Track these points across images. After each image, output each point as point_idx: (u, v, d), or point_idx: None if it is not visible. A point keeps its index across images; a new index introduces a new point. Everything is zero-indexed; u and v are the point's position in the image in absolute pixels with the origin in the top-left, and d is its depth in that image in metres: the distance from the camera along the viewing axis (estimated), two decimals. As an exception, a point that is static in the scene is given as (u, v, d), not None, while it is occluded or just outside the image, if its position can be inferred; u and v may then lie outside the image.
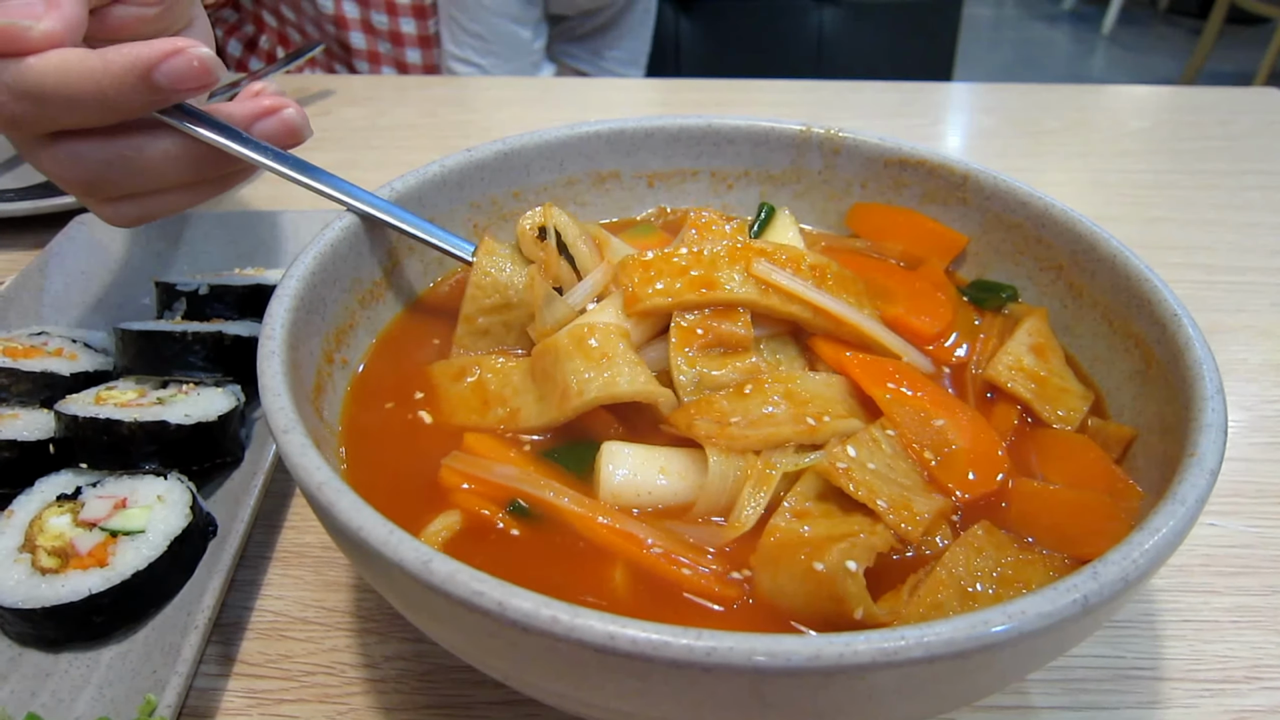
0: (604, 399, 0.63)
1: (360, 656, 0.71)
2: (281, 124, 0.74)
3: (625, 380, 0.63)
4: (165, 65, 0.65)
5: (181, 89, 0.66)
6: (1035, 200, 0.77)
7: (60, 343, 0.90)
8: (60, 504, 0.74)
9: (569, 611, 0.41)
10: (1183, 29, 7.74)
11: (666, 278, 0.68)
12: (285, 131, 0.75)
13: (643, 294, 0.68)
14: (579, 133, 0.85)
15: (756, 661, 0.39)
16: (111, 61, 0.64)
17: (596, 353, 0.64)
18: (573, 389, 0.63)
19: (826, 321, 0.69)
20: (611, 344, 0.65)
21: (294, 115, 0.75)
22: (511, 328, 0.73)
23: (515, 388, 0.69)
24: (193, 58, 0.65)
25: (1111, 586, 0.43)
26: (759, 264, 0.68)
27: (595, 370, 0.63)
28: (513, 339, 0.74)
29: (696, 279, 0.68)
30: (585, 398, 0.62)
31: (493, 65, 2.07)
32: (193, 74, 0.66)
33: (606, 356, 0.64)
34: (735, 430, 0.61)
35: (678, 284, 0.68)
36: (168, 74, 0.65)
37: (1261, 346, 1.10)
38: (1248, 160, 1.58)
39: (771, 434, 0.61)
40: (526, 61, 2.13)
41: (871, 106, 1.77)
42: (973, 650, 0.41)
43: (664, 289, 0.68)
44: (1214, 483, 0.50)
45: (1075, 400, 0.68)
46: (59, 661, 0.68)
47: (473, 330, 0.73)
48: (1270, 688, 0.70)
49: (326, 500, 0.47)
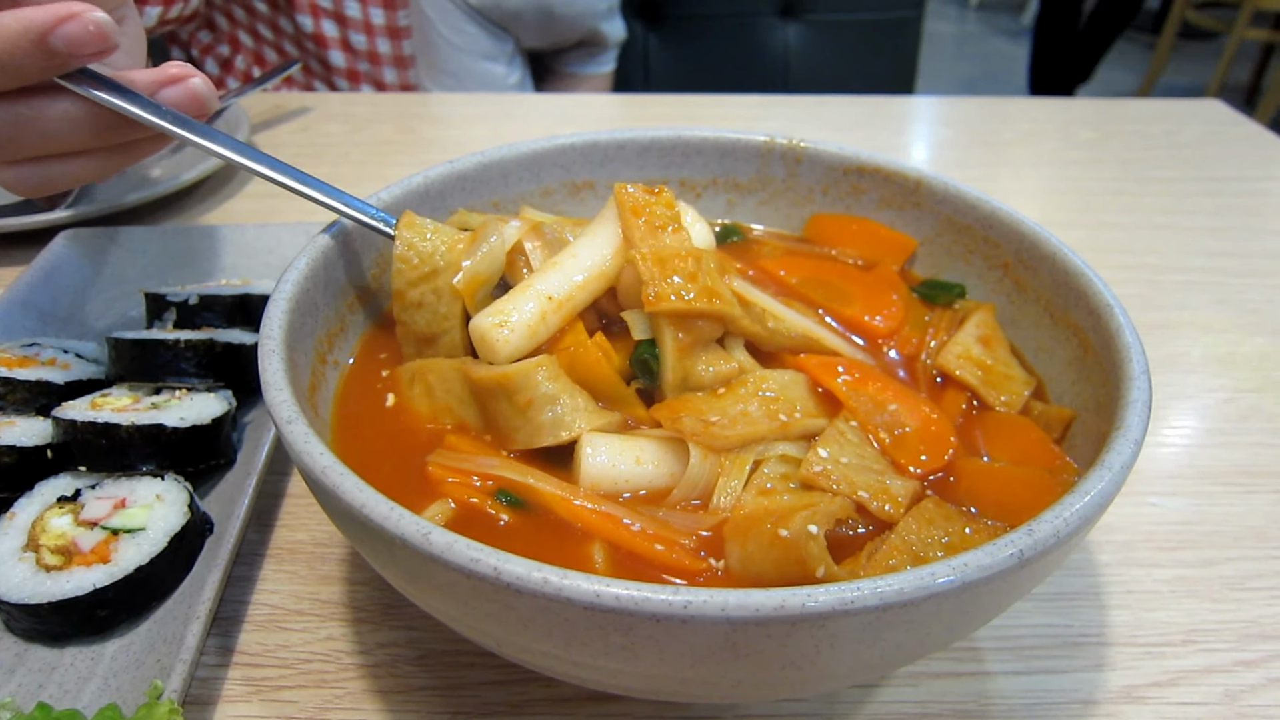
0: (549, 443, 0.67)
1: (355, 644, 0.74)
2: (186, 92, 0.73)
3: (566, 432, 0.66)
4: (61, 30, 0.64)
5: (79, 54, 0.66)
6: (983, 204, 0.83)
7: (53, 353, 0.93)
8: (61, 505, 0.77)
9: (558, 574, 0.45)
10: (1138, 44, 7.96)
11: (684, 281, 0.69)
12: (190, 100, 0.73)
13: (664, 294, 0.68)
14: (555, 145, 0.90)
15: (729, 612, 0.44)
16: (4, 25, 0.64)
17: (531, 404, 0.67)
18: (518, 435, 0.67)
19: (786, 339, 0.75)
20: (544, 392, 0.67)
21: (200, 85, 0.73)
22: (442, 294, 0.72)
23: (459, 398, 0.70)
24: (88, 21, 0.65)
25: (1045, 542, 0.48)
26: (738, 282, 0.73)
27: (530, 423, 0.67)
28: (445, 305, 0.72)
29: (706, 288, 0.69)
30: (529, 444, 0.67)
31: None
32: (89, 38, 0.65)
33: (535, 406, 0.67)
34: (717, 430, 0.65)
35: (689, 292, 0.68)
36: (64, 38, 0.65)
37: (1202, 340, 1.17)
38: (1192, 168, 1.66)
39: (749, 432, 0.66)
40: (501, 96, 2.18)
41: (836, 119, 1.84)
42: (921, 599, 0.45)
43: (680, 290, 0.68)
44: (1138, 451, 0.55)
45: (1018, 386, 0.73)
46: (64, 655, 0.71)
47: (406, 305, 0.72)
48: (1204, 650, 0.75)
49: (331, 483, 0.51)
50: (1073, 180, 1.63)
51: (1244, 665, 0.74)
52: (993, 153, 1.73)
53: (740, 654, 0.46)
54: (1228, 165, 1.68)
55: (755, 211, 0.96)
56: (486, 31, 2.07)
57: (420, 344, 0.74)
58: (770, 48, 2.74)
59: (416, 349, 0.74)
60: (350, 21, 2.04)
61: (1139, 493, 0.91)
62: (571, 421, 0.66)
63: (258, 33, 2.12)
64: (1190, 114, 1.90)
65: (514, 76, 2.19)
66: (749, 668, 0.47)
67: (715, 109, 1.88)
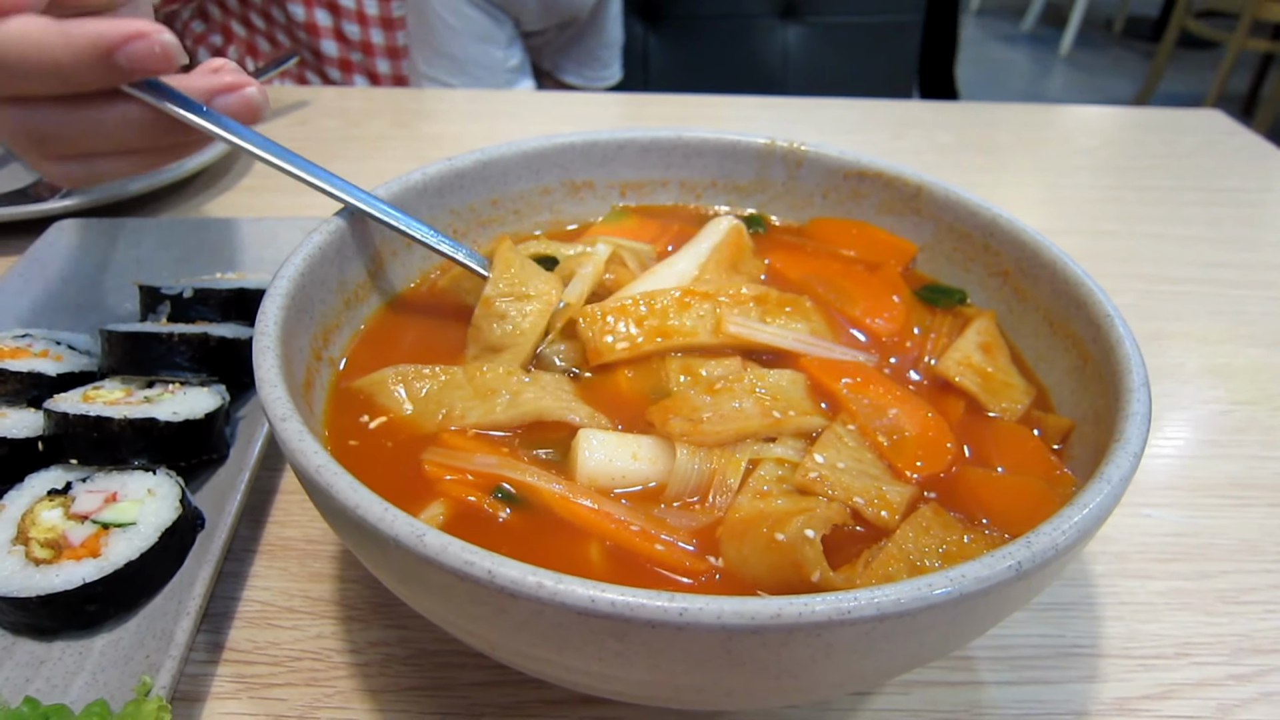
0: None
1: (345, 642, 0.74)
2: (242, 101, 0.75)
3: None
4: (129, 47, 0.66)
5: (140, 71, 0.67)
6: (984, 211, 0.82)
7: (45, 344, 0.92)
8: (51, 498, 0.76)
9: (553, 578, 0.45)
10: (1137, 52, 7.99)
11: (627, 332, 0.74)
12: (245, 109, 0.75)
13: (604, 349, 0.73)
14: (555, 144, 0.89)
15: (724, 620, 0.43)
16: (74, 37, 0.65)
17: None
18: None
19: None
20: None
21: (254, 94, 0.75)
22: (527, 315, 0.76)
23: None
24: (155, 43, 0.66)
25: (1043, 554, 0.48)
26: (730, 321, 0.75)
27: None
28: (526, 325, 0.76)
29: (654, 329, 0.74)
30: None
31: (464, 84, 2.10)
32: (154, 59, 0.67)
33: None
34: (707, 426, 0.66)
35: (639, 337, 0.74)
36: (130, 56, 0.66)
37: (1198, 351, 1.17)
38: (1189, 177, 1.67)
39: (740, 428, 0.67)
40: (500, 80, 2.16)
41: (834, 122, 1.84)
42: (918, 610, 0.45)
43: (626, 343, 0.73)
44: (1137, 464, 0.55)
45: (1018, 394, 0.73)
46: (52, 649, 0.70)
47: (490, 313, 0.76)
48: (1198, 663, 0.75)
49: (325, 482, 0.51)
50: (1071, 188, 1.63)
51: (1236, 679, 0.74)
52: (992, 158, 1.73)
53: (735, 661, 0.46)
54: (1226, 175, 1.69)
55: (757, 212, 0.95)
56: (485, 13, 2.05)
57: (485, 350, 0.77)
58: (770, 49, 2.73)
59: (479, 352, 0.77)
60: (343, 11, 2.03)
61: (1134, 504, 0.91)
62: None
63: (250, 22, 2.11)
64: (1188, 123, 1.91)
65: (513, 60, 2.17)
66: (744, 675, 0.47)
67: (713, 109, 1.87)
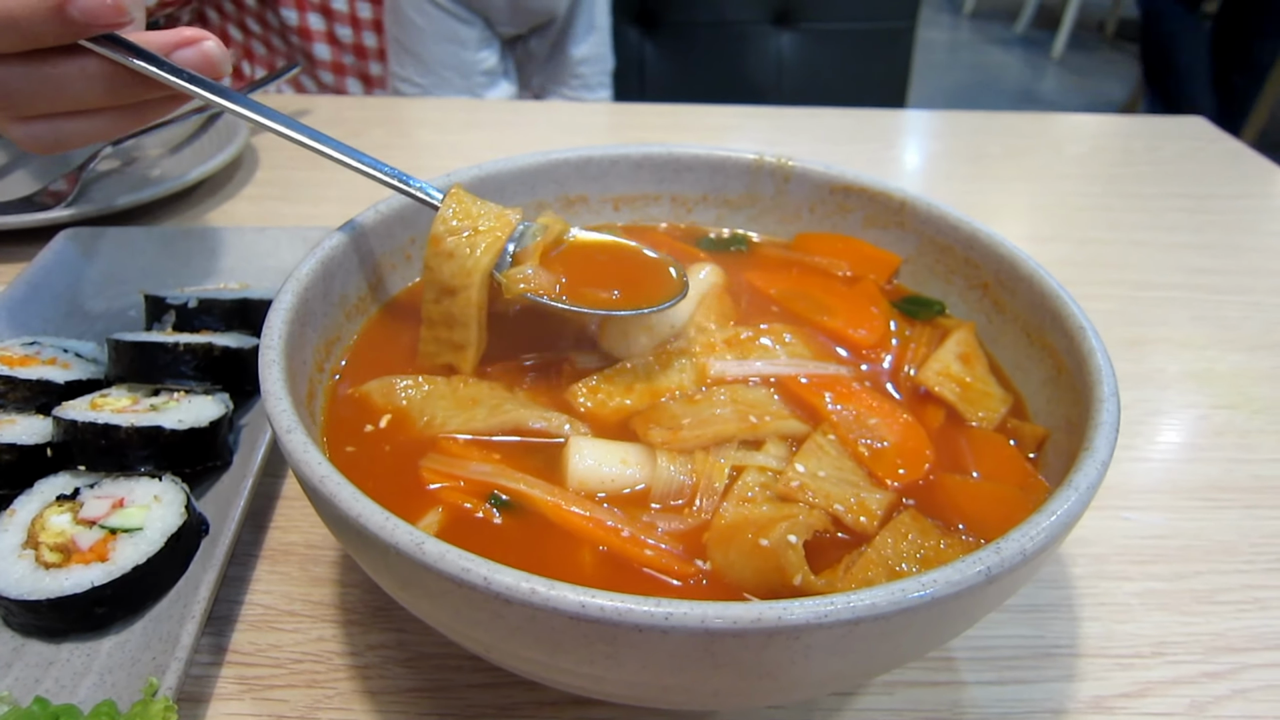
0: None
1: (345, 645, 0.76)
2: (201, 55, 0.74)
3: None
4: (80, 1, 0.66)
5: (95, 24, 0.68)
6: (964, 225, 0.85)
7: (53, 352, 0.94)
8: (60, 504, 0.78)
9: (545, 584, 0.47)
10: (1128, 54, 8.02)
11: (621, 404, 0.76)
12: (204, 61, 0.74)
13: (603, 411, 0.75)
14: (550, 159, 0.92)
15: (708, 624, 0.46)
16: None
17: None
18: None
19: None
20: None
21: (213, 47, 0.75)
22: (475, 247, 0.76)
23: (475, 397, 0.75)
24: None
25: (1011, 560, 0.50)
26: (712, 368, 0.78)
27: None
28: (472, 261, 0.76)
29: (645, 390, 0.76)
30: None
31: (434, 85, 2.10)
32: (107, 11, 0.67)
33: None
34: (686, 433, 0.70)
35: (628, 401, 0.76)
36: (82, 9, 0.66)
37: (1180, 357, 1.20)
38: (1173, 184, 1.69)
39: (719, 431, 0.70)
40: (472, 84, 2.16)
41: (827, 132, 1.86)
42: (893, 614, 0.47)
43: (618, 405, 0.75)
44: (1104, 473, 0.58)
45: (995, 403, 0.76)
46: (60, 651, 0.72)
47: (439, 251, 0.76)
48: (1173, 662, 0.78)
49: (329, 492, 0.53)
50: (1058, 195, 1.66)
51: (1210, 677, 0.77)
52: (981, 167, 1.76)
53: (719, 663, 0.48)
54: (1209, 182, 1.72)
55: (744, 227, 0.98)
56: (450, 14, 2.05)
57: (441, 293, 0.77)
58: (764, 55, 2.76)
59: (436, 297, 0.77)
60: (336, 15, 2.05)
61: (1113, 506, 0.93)
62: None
63: (246, 26, 2.14)
64: (1172, 130, 1.94)
65: (487, 62, 2.16)
66: (727, 676, 0.50)
67: (706, 119, 1.90)
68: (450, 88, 2.13)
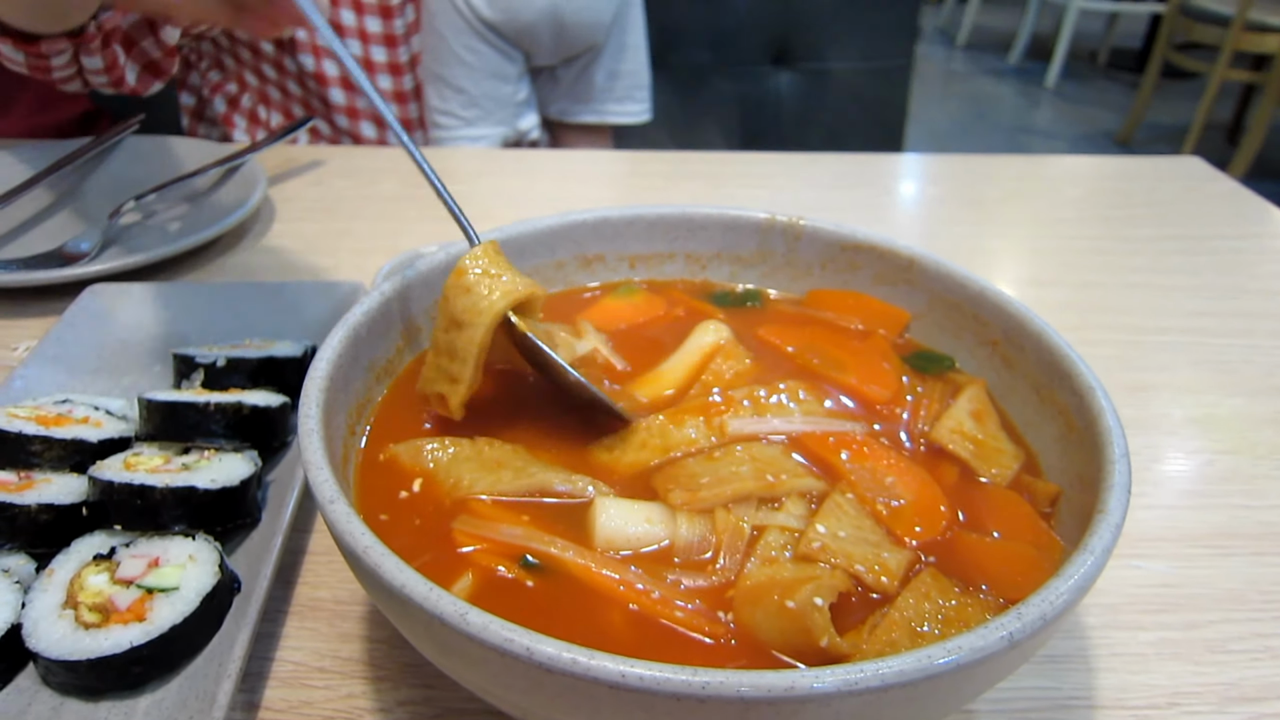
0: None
1: (375, 702, 0.78)
2: None
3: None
4: None
5: None
6: (972, 283, 0.88)
7: (85, 410, 0.97)
8: (97, 563, 0.80)
9: (586, 654, 0.49)
10: (1122, 83, 8.14)
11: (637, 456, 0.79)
12: None
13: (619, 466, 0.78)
14: (569, 221, 0.95)
15: (742, 692, 0.48)
16: None
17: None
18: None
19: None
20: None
21: None
22: (493, 288, 0.79)
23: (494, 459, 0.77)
24: None
25: (1033, 625, 0.53)
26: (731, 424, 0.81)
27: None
28: (486, 302, 0.78)
29: (659, 447, 0.79)
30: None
31: (476, 118, 2.19)
32: None
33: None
34: (705, 492, 0.72)
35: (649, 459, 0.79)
36: None
37: (1182, 402, 1.22)
38: (1170, 226, 1.73)
39: (737, 489, 0.73)
40: (509, 114, 2.25)
41: (828, 177, 1.90)
42: (920, 680, 0.49)
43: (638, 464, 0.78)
44: (1118, 535, 0.60)
45: (1008, 460, 0.78)
46: (98, 709, 0.73)
47: (458, 284, 0.79)
48: (1188, 713, 0.79)
49: (373, 562, 0.55)
50: (1057, 239, 1.69)
51: (1223, 727, 0.78)
52: (980, 211, 1.79)
53: (753, 729, 0.50)
54: (1205, 223, 1.75)
55: (758, 283, 1.01)
56: (497, 50, 2.14)
57: (450, 323, 0.79)
58: (764, 95, 2.82)
59: (445, 326, 0.79)
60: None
61: (1124, 555, 0.95)
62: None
63: (262, 72, 2.19)
64: (1169, 170, 1.97)
65: (521, 94, 2.27)
66: (761, 741, 0.51)
67: (711, 165, 1.93)
68: (491, 120, 2.21)
